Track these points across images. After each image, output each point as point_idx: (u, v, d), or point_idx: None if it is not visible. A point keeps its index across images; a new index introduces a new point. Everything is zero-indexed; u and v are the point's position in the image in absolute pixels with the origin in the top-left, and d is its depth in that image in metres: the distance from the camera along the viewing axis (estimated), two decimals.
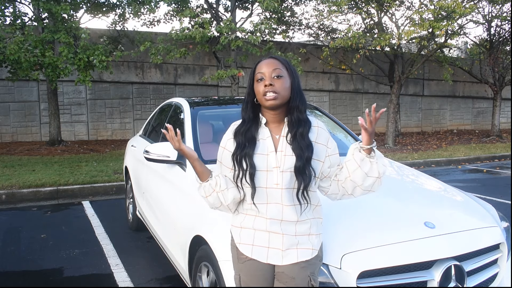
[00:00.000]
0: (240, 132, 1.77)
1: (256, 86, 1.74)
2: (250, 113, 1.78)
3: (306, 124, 1.74)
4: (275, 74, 1.71)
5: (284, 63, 1.76)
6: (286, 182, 1.70)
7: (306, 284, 1.72)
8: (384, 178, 1.81)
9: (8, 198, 6.16)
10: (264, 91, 1.69)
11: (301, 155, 1.69)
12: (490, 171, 8.67)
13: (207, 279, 2.39)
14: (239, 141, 1.76)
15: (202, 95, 13.10)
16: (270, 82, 1.69)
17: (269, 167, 1.72)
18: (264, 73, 1.72)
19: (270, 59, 1.76)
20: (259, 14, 12.03)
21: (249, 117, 1.78)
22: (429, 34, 10.63)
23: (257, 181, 1.72)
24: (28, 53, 8.34)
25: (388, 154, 9.58)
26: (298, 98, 1.74)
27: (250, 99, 1.78)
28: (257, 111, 1.79)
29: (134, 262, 3.88)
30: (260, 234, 1.74)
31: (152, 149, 3.23)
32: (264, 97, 1.69)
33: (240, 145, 1.74)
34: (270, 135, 1.77)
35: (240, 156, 1.73)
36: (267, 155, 1.74)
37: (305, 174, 1.69)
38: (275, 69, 1.71)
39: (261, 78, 1.72)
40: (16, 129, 11.57)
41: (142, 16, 10.97)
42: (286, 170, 1.70)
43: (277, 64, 1.73)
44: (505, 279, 2.35)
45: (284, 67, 1.74)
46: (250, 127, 1.77)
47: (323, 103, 14.69)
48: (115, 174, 7.27)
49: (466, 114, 17.46)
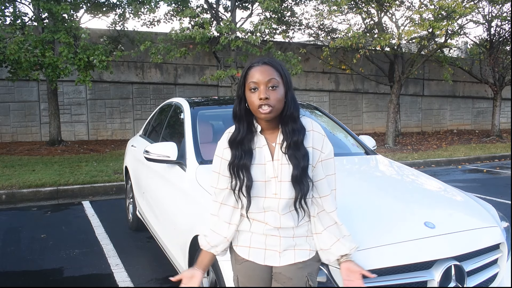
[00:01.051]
0: (236, 142, 1.69)
1: (249, 95, 1.64)
2: (243, 121, 1.69)
3: (300, 132, 1.67)
4: (271, 84, 1.61)
5: (278, 69, 1.66)
6: (285, 193, 1.66)
7: (303, 284, 1.71)
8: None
9: (8, 198, 6.16)
10: (259, 104, 1.60)
11: (297, 164, 1.64)
12: (490, 171, 8.67)
13: (207, 279, 2.39)
14: (235, 152, 1.69)
15: (202, 95, 13.10)
16: (266, 95, 1.59)
17: (267, 177, 1.68)
18: (258, 82, 1.61)
19: (265, 66, 1.64)
20: (259, 14, 12.03)
21: (243, 126, 1.69)
22: (429, 34, 10.63)
23: (255, 191, 1.67)
24: (28, 53, 8.33)
25: (388, 154, 9.58)
26: (292, 106, 1.66)
27: (243, 104, 1.68)
28: (250, 117, 1.70)
29: (134, 262, 3.89)
30: (257, 237, 1.73)
31: (152, 149, 3.23)
32: (259, 110, 1.60)
33: (237, 156, 1.68)
34: (266, 143, 1.70)
35: (237, 167, 1.68)
36: (264, 164, 1.69)
37: (303, 184, 1.64)
38: (270, 80, 1.61)
39: (255, 88, 1.62)
40: (16, 129, 11.57)
41: (142, 16, 10.96)
42: (284, 180, 1.66)
43: (272, 73, 1.63)
44: (505, 279, 2.35)
45: (279, 75, 1.64)
46: (245, 135, 1.69)
47: (323, 103, 14.69)
48: (115, 174, 7.27)
49: (466, 114, 17.46)
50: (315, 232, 1.75)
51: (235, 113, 1.71)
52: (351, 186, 2.66)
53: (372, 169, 3.34)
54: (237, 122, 1.71)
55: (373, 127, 15.49)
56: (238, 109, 1.69)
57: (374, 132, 15.09)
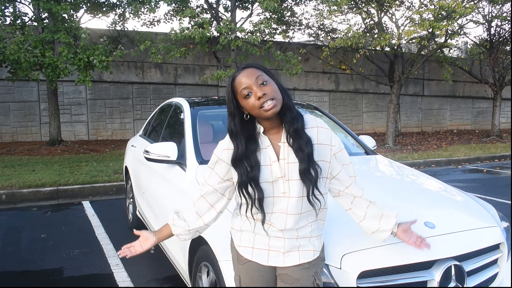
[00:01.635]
0: (238, 159, 1.66)
1: (245, 102, 1.61)
2: (240, 136, 1.66)
3: (298, 119, 1.67)
4: (260, 81, 1.60)
5: (259, 67, 1.65)
6: (295, 191, 1.65)
7: (311, 284, 1.72)
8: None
9: (8, 198, 6.17)
10: (260, 104, 1.58)
11: (303, 157, 1.63)
12: (490, 171, 8.67)
13: (207, 279, 2.39)
14: (240, 170, 1.65)
15: (202, 95, 13.10)
16: (262, 92, 1.58)
17: (274, 177, 1.66)
18: (249, 86, 1.60)
19: (246, 70, 1.63)
20: (259, 14, 12.04)
21: (241, 142, 1.65)
22: (429, 34, 10.63)
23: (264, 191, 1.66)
24: (28, 53, 8.34)
25: (388, 154, 9.58)
26: (285, 96, 1.65)
27: (238, 119, 1.65)
28: (246, 132, 1.67)
29: (134, 262, 3.88)
30: (261, 237, 1.73)
31: (152, 149, 3.23)
32: (262, 108, 1.58)
33: (243, 173, 1.65)
34: (270, 143, 1.69)
35: (245, 184, 1.65)
36: (270, 165, 1.67)
37: (311, 174, 1.63)
38: (258, 77, 1.60)
39: (248, 93, 1.60)
40: (16, 129, 11.58)
41: (142, 16, 10.98)
42: (292, 179, 1.65)
43: (256, 72, 1.62)
44: (505, 279, 2.35)
45: (263, 72, 1.64)
46: (245, 149, 1.65)
47: (323, 103, 14.69)
48: (115, 174, 7.27)
49: (466, 114, 17.46)
50: (359, 221, 1.86)
51: (230, 130, 1.68)
52: None
53: (372, 169, 3.34)
54: (234, 139, 1.68)
55: (373, 127, 15.49)
56: (233, 126, 1.67)
57: (374, 132, 15.09)
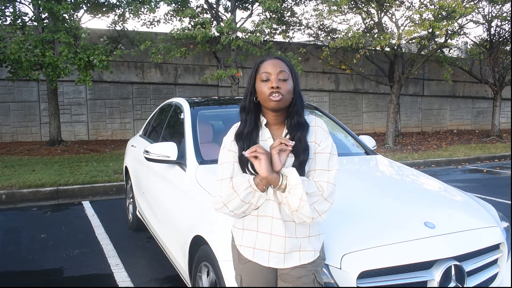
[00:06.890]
0: (243, 135, 1.74)
1: (260, 85, 1.72)
2: (251, 113, 1.75)
3: (304, 127, 1.75)
4: (282, 77, 1.70)
5: (288, 64, 1.75)
6: None
7: (311, 282, 1.74)
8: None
9: (8, 198, 6.16)
10: (270, 92, 1.67)
11: (299, 157, 1.70)
12: (490, 171, 8.67)
13: (207, 279, 2.39)
14: (242, 145, 1.73)
15: (202, 95, 13.10)
16: (277, 85, 1.67)
17: None
18: (270, 73, 1.70)
19: (276, 60, 1.74)
20: (259, 14, 12.04)
21: (250, 118, 1.76)
22: (429, 34, 10.63)
23: None
24: (28, 53, 8.33)
25: (388, 154, 9.58)
26: (299, 102, 1.75)
27: (251, 98, 1.75)
28: (257, 111, 1.77)
29: (134, 262, 3.89)
30: (263, 236, 1.74)
31: (152, 149, 3.23)
32: (270, 97, 1.67)
33: (244, 149, 1.72)
34: (271, 136, 1.76)
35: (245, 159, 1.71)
36: None
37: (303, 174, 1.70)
38: (281, 72, 1.70)
39: (267, 78, 1.70)
40: (16, 129, 11.57)
41: (142, 16, 10.97)
42: None
43: (283, 66, 1.72)
44: (505, 279, 2.35)
45: (288, 70, 1.73)
46: (252, 129, 1.75)
47: (323, 103, 14.69)
48: (115, 174, 7.27)
49: (466, 114, 17.45)
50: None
51: (243, 106, 1.77)
52: (351, 186, 2.66)
53: (372, 169, 3.34)
54: (245, 114, 1.76)
55: (373, 127, 15.49)
56: (247, 102, 1.76)
57: (374, 132, 15.09)
